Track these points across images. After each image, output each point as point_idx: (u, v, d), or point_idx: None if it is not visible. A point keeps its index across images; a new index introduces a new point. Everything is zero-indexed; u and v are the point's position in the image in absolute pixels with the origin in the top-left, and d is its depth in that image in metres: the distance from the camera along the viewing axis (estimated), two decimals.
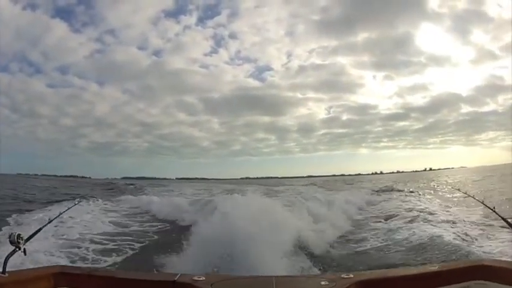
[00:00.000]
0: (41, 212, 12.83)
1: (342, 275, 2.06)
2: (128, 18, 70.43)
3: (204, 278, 2.01)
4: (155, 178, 61.14)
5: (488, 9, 62.31)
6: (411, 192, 22.96)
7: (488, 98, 72.34)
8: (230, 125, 77.50)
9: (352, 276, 2.04)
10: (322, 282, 1.95)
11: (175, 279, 2.04)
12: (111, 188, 32.08)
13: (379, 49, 68.30)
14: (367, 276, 2.11)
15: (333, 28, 71.11)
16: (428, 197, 19.83)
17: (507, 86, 59.03)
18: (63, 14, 70.46)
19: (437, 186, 29.04)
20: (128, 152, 75.39)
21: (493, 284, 2.04)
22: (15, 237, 1.96)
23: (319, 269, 6.70)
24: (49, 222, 2.50)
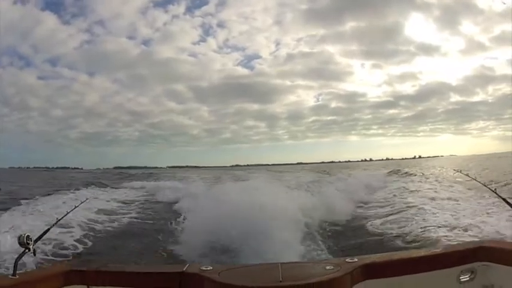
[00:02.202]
0: None
1: (347, 259, 2.08)
2: (117, 8, 70.77)
3: (211, 268, 2.05)
4: (146, 167, 61.69)
5: (478, 0, 61.78)
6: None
7: (478, 88, 71.91)
8: (220, 113, 78.13)
9: (356, 260, 2.07)
10: (327, 267, 1.98)
11: (184, 269, 2.07)
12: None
13: (367, 38, 68.29)
14: (372, 259, 2.13)
15: (321, 17, 71.28)
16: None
17: (497, 76, 59.57)
18: (53, 6, 70.83)
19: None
20: (118, 142, 76.18)
21: (496, 266, 2.07)
22: (25, 239, 1.98)
23: (324, 254, 6.79)
24: (57, 222, 2.53)
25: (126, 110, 70.09)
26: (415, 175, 23.21)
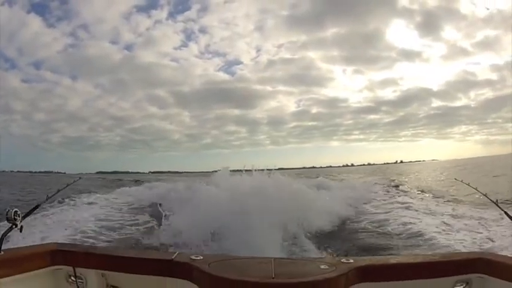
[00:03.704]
0: None
1: (342, 260, 2.03)
2: (101, 13, 70.70)
3: (201, 258, 2.00)
4: (129, 172, 61.81)
5: (460, 6, 61.93)
6: None
7: (460, 93, 72.54)
8: (201, 118, 79.37)
9: (352, 261, 2.01)
10: (322, 266, 1.93)
11: (173, 257, 2.02)
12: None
13: (348, 44, 68.82)
14: (367, 261, 2.09)
15: (302, 23, 71.47)
16: None
17: (479, 81, 60.53)
18: (39, 8, 71.67)
19: None
20: (100, 147, 76.68)
21: (492, 279, 2.01)
22: (12, 214, 1.92)
23: (318, 252, 6.76)
24: (47, 199, 2.47)
25: (108, 114, 70.77)
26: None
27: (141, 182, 30.33)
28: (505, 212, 2.62)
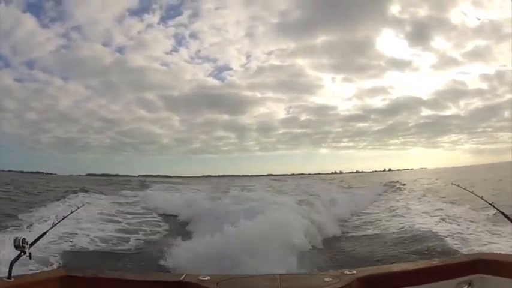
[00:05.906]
0: None
1: (345, 271, 2.07)
2: (95, 15, 71.88)
3: (209, 278, 2.02)
4: (119, 175, 61.91)
5: (451, 16, 63.48)
6: None
7: (449, 102, 73.18)
8: (190, 122, 79.15)
9: (355, 272, 2.06)
10: (326, 279, 1.97)
11: (181, 279, 2.05)
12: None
13: (338, 52, 69.18)
14: (370, 271, 2.13)
15: (292, 31, 71.49)
16: None
17: (469, 90, 61.74)
18: (34, 8, 72.79)
19: None
20: (90, 148, 75.64)
21: (492, 278, 2.06)
22: (20, 242, 1.96)
23: (323, 266, 6.73)
24: (53, 226, 2.51)
25: (98, 116, 70.56)
26: None
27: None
28: (502, 212, 2.68)
